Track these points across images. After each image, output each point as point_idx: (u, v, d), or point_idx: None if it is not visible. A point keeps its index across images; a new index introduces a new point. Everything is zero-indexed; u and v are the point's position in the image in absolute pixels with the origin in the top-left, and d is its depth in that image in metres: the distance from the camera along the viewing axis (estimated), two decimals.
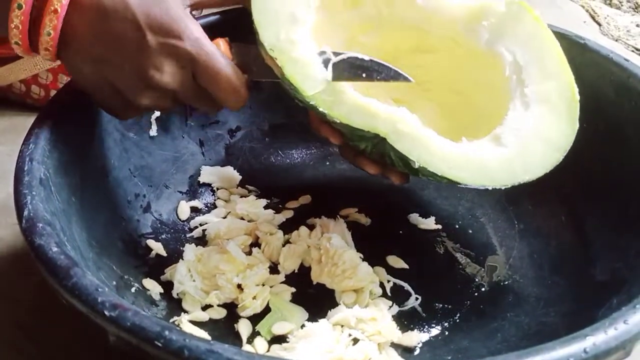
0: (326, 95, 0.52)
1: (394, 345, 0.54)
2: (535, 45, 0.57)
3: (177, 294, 0.57)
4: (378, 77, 0.53)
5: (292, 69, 0.52)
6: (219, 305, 0.57)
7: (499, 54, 0.57)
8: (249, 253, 0.61)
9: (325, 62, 0.52)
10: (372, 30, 0.61)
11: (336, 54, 0.53)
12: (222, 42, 0.54)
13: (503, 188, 0.54)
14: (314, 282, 0.58)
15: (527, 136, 0.54)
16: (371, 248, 0.62)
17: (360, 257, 0.58)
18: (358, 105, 0.52)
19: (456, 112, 0.60)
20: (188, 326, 0.54)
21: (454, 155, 0.53)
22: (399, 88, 0.59)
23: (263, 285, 0.58)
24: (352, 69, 0.52)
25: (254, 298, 0.56)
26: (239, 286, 0.57)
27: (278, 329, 0.54)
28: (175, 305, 0.57)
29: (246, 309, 0.56)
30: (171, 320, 0.54)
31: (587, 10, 1.06)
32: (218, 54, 0.51)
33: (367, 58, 0.52)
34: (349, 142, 0.55)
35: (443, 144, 0.53)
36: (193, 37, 0.49)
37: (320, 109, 0.52)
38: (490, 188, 0.54)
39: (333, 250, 0.57)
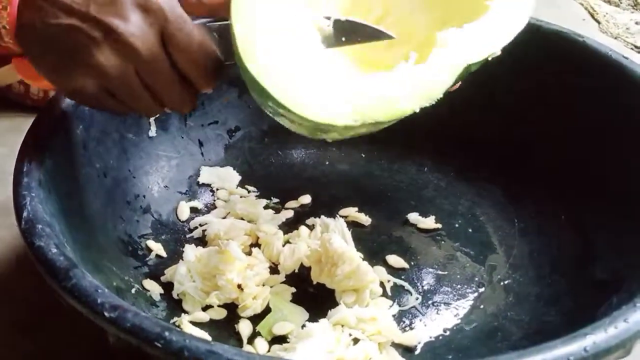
0: None
1: (395, 345, 0.54)
2: None
3: (177, 295, 0.57)
4: (359, 39, 0.50)
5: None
6: (219, 306, 0.57)
7: None
8: (249, 253, 0.61)
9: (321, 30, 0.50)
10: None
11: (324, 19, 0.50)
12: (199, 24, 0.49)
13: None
14: (314, 282, 0.58)
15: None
16: (371, 247, 0.62)
17: (360, 257, 0.58)
18: None
19: None
20: (188, 327, 0.54)
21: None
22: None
23: (263, 285, 0.58)
24: (335, 35, 0.50)
25: (254, 298, 0.56)
26: (239, 286, 0.57)
27: (278, 329, 0.54)
28: (175, 306, 0.57)
29: (246, 309, 0.56)
30: (171, 321, 0.54)
31: (586, 8, 1.06)
32: (190, 21, 0.47)
33: (343, 19, 0.50)
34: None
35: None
36: None
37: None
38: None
39: (333, 250, 0.57)
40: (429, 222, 0.66)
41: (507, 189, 0.69)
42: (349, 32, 0.50)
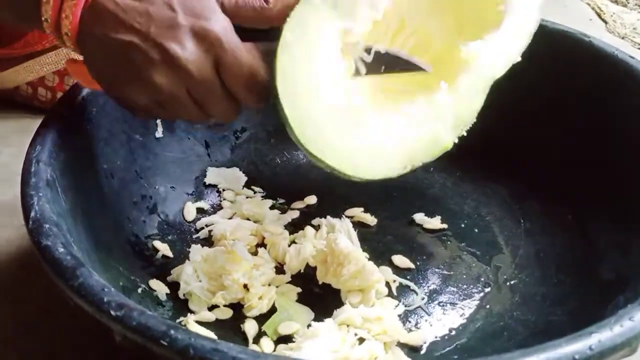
0: None
1: (400, 345, 0.54)
2: None
3: (184, 295, 0.57)
4: (397, 69, 0.53)
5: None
6: (225, 306, 0.57)
7: None
8: (255, 253, 0.61)
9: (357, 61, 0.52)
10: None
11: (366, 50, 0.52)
12: (248, 43, 0.52)
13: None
14: (320, 282, 0.58)
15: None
16: (377, 248, 0.62)
17: (365, 257, 0.58)
18: None
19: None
20: (194, 326, 0.54)
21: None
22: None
23: (269, 285, 0.58)
24: (374, 65, 0.53)
25: (260, 298, 0.57)
26: (245, 286, 0.57)
27: (284, 329, 0.54)
28: (181, 306, 0.57)
29: (252, 309, 0.56)
30: (177, 321, 0.55)
31: (593, 8, 1.06)
32: (244, 47, 0.50)
33: (383, 51, 0.52)
34: None
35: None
36: (222, 23, 0.49)
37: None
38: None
39: (339, 250, 0.57)
40: (435, 222, 0.66)
41: (513, 189, 0.69)
42: (387, 63, 0.53)
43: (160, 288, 0.57)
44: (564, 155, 0.66)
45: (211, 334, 0.53)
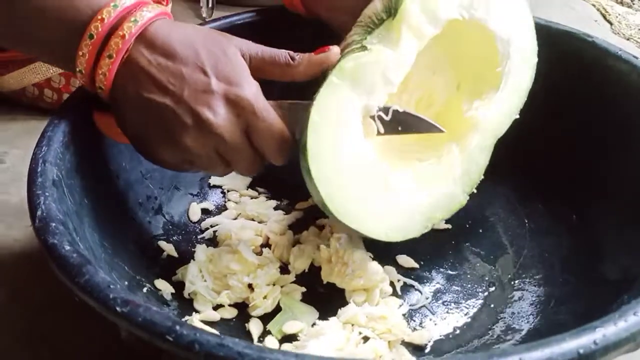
0: None
1: (405, 344, 0.54)
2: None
3: (189, 294, 0.57)
4: (414, 130, 0.55)
5: None
6: (230, 305, 0.57)
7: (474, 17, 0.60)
8: (260, 253, 0.61)
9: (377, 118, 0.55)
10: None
11: (384, 109, 0.55)
12: (271, 102, 0.54)
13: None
14: (324, 282, 0.59)
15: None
16: (381, 247, 0.62)
17: (370, 257, 0.58)
18: None
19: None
20: (200, 326, 0.54)
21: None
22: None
23: (274, 285, 0.58)
24: (392, 124, 0.55)
25: (265, 298, 0.57)
26: (250, 286, 0.57)
27: (289, 328, 0.54)
28: (186, 305, 0.57)
29: (257, 309, 0.56)
30: (182, 320, 0.55)
31: (598, 10, 1.06)
32: (272, 109, 0.52)
33: (401, 110, 0.55)
34: None
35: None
36: (253, 89, 0.51)
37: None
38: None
39: (342, 250, 0.57)
40: (440, 223, 0.65)
41: (518, 190, 0.69)
42: (404, 123, 0.55)
43: (165, 288, 0.58)
44: (568, 155, 0.66)
45: (216, 333, 0.54)
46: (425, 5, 0.57)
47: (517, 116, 0.61)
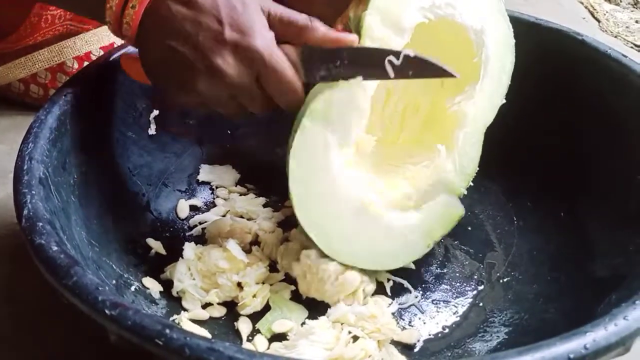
0: None
1: (394, 343, 0.54)
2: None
3: (177, 292, 0.57)
4: (425, 74, 0.53)
5: None
6: (219, 304, 0.57)
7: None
8: (249, 251, 0.61)
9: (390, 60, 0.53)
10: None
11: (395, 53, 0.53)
12: (288, 47, 0.55)
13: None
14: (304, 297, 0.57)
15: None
16: None
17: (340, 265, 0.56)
18: None
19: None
20: (188, 324, 0.54)
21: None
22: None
23: (263, 283, 0.58)
24: (403, 69, 0.53)
25: (254, 296, 0.56)
26: (239, 284, 0.57)
27: (278, 327, 0.54)
28: (175, 304, 0.57)
29: (246, 307, 0.56)
30: (171, 319, 0.54)
31: (586, 7, 1.06)
32: (284, 59, 0.53)
33: (412, 54, 0.53)
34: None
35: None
36: (266, 40, 0.52)
37: None
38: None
39: (315, 265, 0.56)
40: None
41: (507, 187, 0.69)
42: (416, 67, 0.53)
43: (153, 286, 0.57)
44: (557, 153, 0.66)
45: (205, 332, 0.53)
46: (386, 17, 0.58)
47: (504, 101, 0.61)
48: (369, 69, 0.53)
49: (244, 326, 0.55)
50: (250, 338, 0.54)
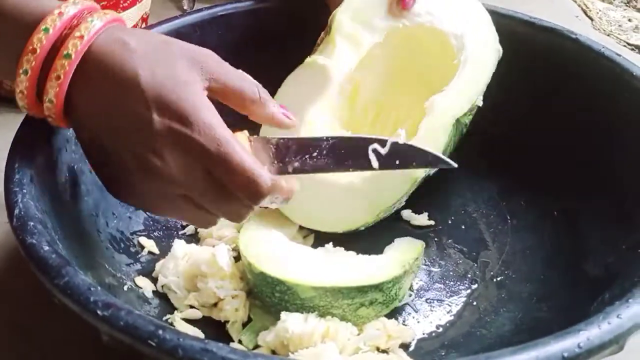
0: None
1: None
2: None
3: (162, 288, 0.57)
4: (414, 164, 0.49)
5: None
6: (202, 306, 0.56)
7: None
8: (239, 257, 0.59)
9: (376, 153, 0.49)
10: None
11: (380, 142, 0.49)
12: (240, 134, 0.48)
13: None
14: None
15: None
16: (365, 245, 0.62)
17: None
18: None
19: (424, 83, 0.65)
20: (181, 324, 0.54)
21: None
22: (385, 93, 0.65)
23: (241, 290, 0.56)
24: (390, 158, 0.48)
25: (237, 310, 0.54)
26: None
27: (262, 339, 0.52)
28: (168, 303, 0.56)
29: (227, 317, 0.54)
30: (164, 318, 0.54)
31: (579, 5, 1.06)
32: (233, 140, 0.44)
33: (402, 142, 0.48)
34: None
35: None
36: (206, 123, 0.43)
37: None
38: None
39: (289, 337, 0.51)
40: (422, 219, 0.66)
41: (500, 186, 0.69)
42: (404, 156, 0.48)
43: (146, 285, 0.57)
44: (551, 151, 0.66)
45: (198, 332, 0.53)
46: (357, 14, 0.59)
47: (481, 103, 0.61)
48: (350, 160, 0.48)
49: (233, 330, 0.54)
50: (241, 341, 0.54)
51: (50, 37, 0.43)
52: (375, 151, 0.48)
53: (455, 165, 0.48)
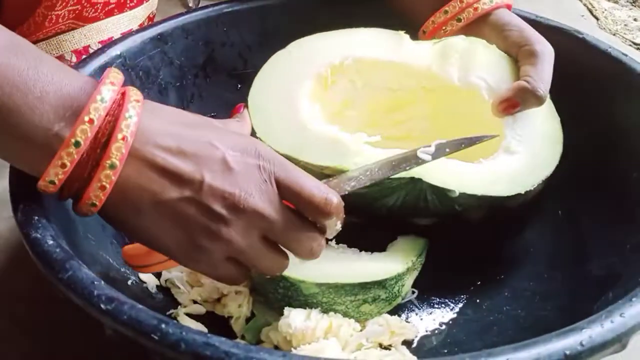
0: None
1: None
2: (498, 67, 0.62)
3: (165, 282, 0.57)
4: (463, 146, 0.54)
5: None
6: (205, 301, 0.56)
7: (473, 84, 0.61)
8: None
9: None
10: (352, 103, 0.65)
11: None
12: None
13: (532, 188, 0.56)
14: None
15: (530, 138, 0.59)
16: (368, 243, 0.62)
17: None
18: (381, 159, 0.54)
19: None
20: (185, 319, 0.54)
21: (483, 173, 0.56)
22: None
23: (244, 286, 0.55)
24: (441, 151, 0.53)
25: (240, 306, 0.55)
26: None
27: (264, 335, 0.53)
28: (172, 298, 0.56)
29: (231, 313, 0.54)
30: (168, 313, 0.54)
31: (585, 5, 1.06)
32: (291, 218, 0.45)
33: (444, 141, 0.54)
34: (373, 204, 0.57)
35: (468, 168, 0.56)
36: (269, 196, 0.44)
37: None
38: (523, 192, 0.56)
39: (291, 333, 0.51)
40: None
41: None
42: (452, 145, 0.54)
43: (150, 280, 0.57)
44: None
45: (202, 327, 0.53)
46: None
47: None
48: (403, 164, 0.52)
49: (237, 325, 0.54)
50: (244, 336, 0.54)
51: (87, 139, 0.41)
52: (423, 152, 0.53)
53: (498, 134, 0.55)
